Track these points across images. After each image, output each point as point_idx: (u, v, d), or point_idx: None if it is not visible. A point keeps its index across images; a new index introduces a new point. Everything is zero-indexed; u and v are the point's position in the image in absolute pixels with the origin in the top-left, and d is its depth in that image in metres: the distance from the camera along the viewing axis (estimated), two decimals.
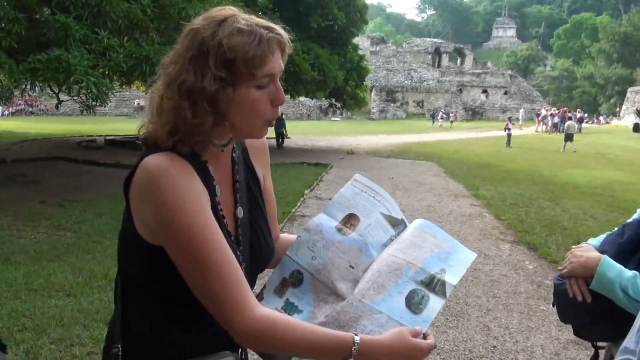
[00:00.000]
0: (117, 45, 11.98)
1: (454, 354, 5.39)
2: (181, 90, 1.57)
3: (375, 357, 1.61)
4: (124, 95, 62.83)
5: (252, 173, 1.91)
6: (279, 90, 1.66)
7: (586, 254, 2.29)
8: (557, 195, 15.58)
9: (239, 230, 1.79)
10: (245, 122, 1.66)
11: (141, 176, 1.58)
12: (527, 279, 7.83)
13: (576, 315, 2.38)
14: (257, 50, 1.57)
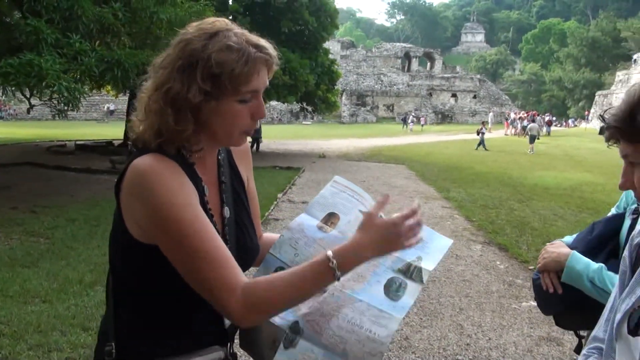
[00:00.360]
0: (89, 50, 11.92)
1: (429, 353, 5.49)
2: (167, 96, 1.64)
3: (358, 258, 1.65)
4: (93, 100, 62.23)
5: (237, 174, 1.98)
6: (260, 105, 1.73)
7: (557, 250, 2.45)
8: (526, 197, 15.83)
9: (225, 229, 1.85)
10: (224, 132, 1.73)
11: (131, 176, 1.64)
12: (499, 278, 7.98)
13: (552, 306, 2.54)
14: (244, 69, 1.63)
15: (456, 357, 5.41)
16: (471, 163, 25.78)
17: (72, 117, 55.68)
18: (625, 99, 1.49)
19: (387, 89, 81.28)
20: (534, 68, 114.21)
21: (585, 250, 2.42)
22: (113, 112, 66.50)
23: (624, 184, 1.55)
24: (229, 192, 1.91)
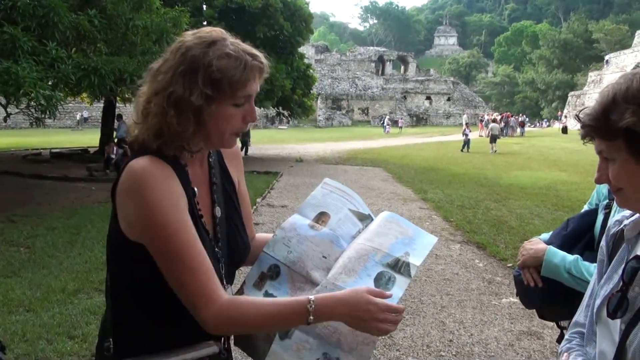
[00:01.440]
0: (65, 57, 11.86)
1: (413, 350, 5.59)
2: (169, 99, 1.74)
3: (333, 313, 1.74)
4: (67, 107, 61.66)
5: (228, 176, 2.07)
6: (252, 109, 1.85)
7: (535, 247, 2.60)
8: (503, 197, 16.02)
9: (217, 229, 1.94)
10: (217, 134, 1.83)
11: (126, 177, 1.74)
12: (478, 276, 8.10)
13: (534, 299, 2.67)
14: (242, 75, 1.76)
15: (440, 354, 5.52)
16: (447, 164, 26.00)
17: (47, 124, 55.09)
18: (599, 100, 1.59)
19: (361, 93, 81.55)
20: (506, 70, 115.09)
21: (561, 245, 2.57)
22: (87, 120, 65.96)
23: (599, 178, 1.65)
24: (220, 193, 2.00)
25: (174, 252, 1.70)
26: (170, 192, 1.73)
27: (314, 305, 1.71)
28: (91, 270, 7.78)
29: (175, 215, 1.72)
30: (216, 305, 1.71)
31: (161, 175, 1.73)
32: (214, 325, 1.73)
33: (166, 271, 1.73)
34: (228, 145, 1.91)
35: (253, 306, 1.77)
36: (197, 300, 1.71)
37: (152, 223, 1.70)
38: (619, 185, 1.60)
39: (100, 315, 5.96)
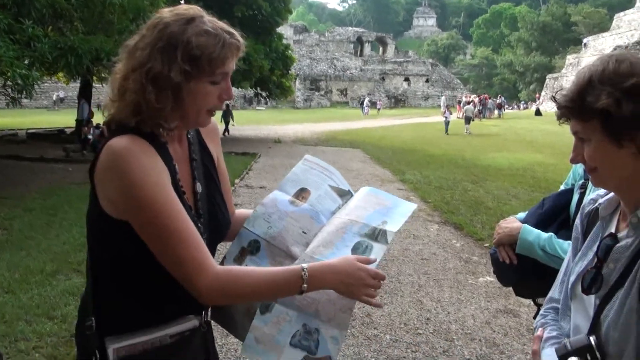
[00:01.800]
0: (42, 35, 11.69)
1: (390, 328, 5.66)
2: (148, 75, 1.74)
3: (326, 280, 1.80)
4: (43, 87, 60.85)
5: (207, 152, 2.09)
6: (229, 87, 1.87)
7: (510, 225, 2.65)
8: (480, 178, 16.17)
9: (198, 204, 1.96)
10: (194, 111, 1.84)
11: (106, 157, 1.73)
12: (455, 256, 8.20)
13: (510, 277, 2.72)
14: (221, 53, 1.77)
15: (417, 332, 5.60)
16: (425, 146, 26.11)
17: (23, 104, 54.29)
18: (575, 81, 1.64)
19: (340, 74, 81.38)
20: (485, 52, 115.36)
21: (536, 224, 2.63)
22: (63, 100, 65.14)
23: (574, 158, 1.69)
24: (200, 169, 2.01)
25: (163, 226, 1.71)
26: (153, 169, 1.74)
27: (307, 273, 1.76)
28: (69, 251, 7.76)
29: (160, 190, 1.73)
30: (210, 276, 1.73)
31: (142, 153, 1.74)
32: (209, 295, 1.76)
33: (156, 246, 1.74)
34: (203, 123, 1.92)
35: (247, 275, 1.80)
36: (191, 271, 1.73)
37: (137, 200, 1.70)
38: (594, 165, 1.64)
39: (79, 297, 5.97)
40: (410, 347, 5.26)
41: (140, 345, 1.83)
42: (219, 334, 5.16)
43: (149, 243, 1.74)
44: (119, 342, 1.82)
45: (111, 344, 1.82)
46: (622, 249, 1.65)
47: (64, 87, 58.46)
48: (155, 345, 1.85)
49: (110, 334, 1.84)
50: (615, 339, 1.59)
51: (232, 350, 5.06)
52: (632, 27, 63.09)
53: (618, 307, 1.60)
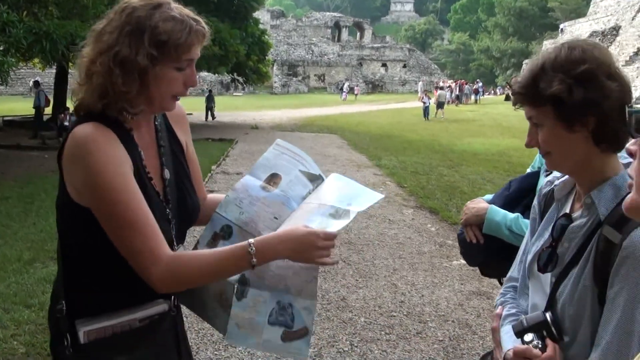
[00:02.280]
0: (17, 21, 11.60)
1: (365, 311, 5.76)
2: (115, 59, 1.78)
3: (276, 250, 1.84)
4: (18, 73, 59.95)
5: (175, 138, 2.13)
6: (193, 74, 1.92)
7: (477, 205, 2.72)
8: (456, 163, 16.31)
9: (167, 190, 2.01)
10: (159, 96, 1.88)
11: (70, 144, 1.79)
12: (430, 240, 8.32)
13: (476, 256, 2.80)
14: (187, 39, 1.82)
15: (391, 314, 5.71)
16: (402, 131, 26.20)
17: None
18: (528, 68, 1.73)
19: (318, 59, 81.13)
20: (462, 38, 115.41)
21: (503, 205, 2.69)
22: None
23: (529, 143, 1.78)
24: (169, 156, 2.06)
25: (119, 214, 1.76)
26: (114, 157, 1.79)
27: (254, 247, 1.79)
28: (46, 239, 7.78)
29: (120, 179, 1.77)
30: (162, 264, 1.77)
31: (104, 141, 1.78)
32: (161, 283, 1.80)
33: (112, 234, 1.79)
34: (167, 108, 1.97)
35: (196, 258, 1.86)
36: (143, 260, 1.78)
37: (97, 188, 1.76)
38: (547, 149, 1.73)
39: None
40: (384, 330, 5.37)
41: (110, 328, 1.89)
42: (195, 320, 5.24)
43: (107, 229, 1.79)
44: (89, 325, 1.88)
45: (82, 326, 1.87)
46: (576, 229, 1.73)
47: (40, 74, 57.69)
48: (125, 328, 1.91)
49: (81, 317, 1.89)
50: (571, 315, 1.68)
51: (209, 335, 5.13)
52: (608, 12, 63.43)
53: (572, 285, 1.67)
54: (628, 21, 56.10)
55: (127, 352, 1.92)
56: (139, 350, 1.94)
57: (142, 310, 1.94)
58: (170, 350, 2.05)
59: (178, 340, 2.09)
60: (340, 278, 6.66)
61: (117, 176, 1.77)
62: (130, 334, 1.92)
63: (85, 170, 1.76)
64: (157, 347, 2.00)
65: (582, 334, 1.66)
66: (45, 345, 4.75)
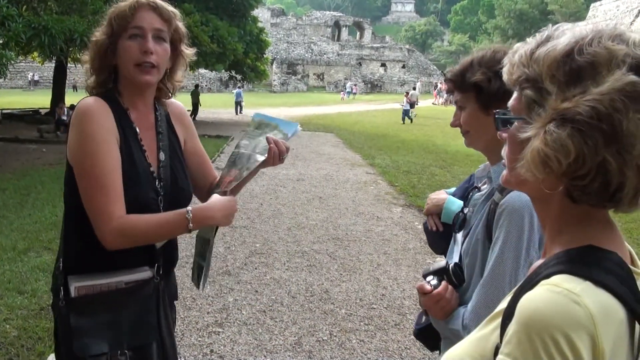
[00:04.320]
0: (17, 15, 11.75)
1: (346, 303, 5.97)
2: (90, 46, 2.24)
3: (208, 217, 2.18)
4: (18, 67, 60.09)
5: (173, 131, 2.45)
6: (147, 41, 2.17)
7: (438, 196, 2.93)
8: (448, 163, 16.50)
9: (160, 170, 2.30)
10: (124, 67, 2.19)
11: (74, 112, 2.16)
12: (416, 237, 8.51)
13: (439, 244, 3.00)
14: (125, 8, 2.16)
15: (371, 306, 5.91)
16: (397, 131, 26.41)
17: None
18: (460, 62, 2.14)
19: (317, 58, 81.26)
20: (462, 39, 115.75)
21: (462, 196, 2.89)
22: (37, 83, 64.54)
23: (453, 123, 2.21)
24: (166, 142, 2.36)
25: (92, 174, 2.07)
26: (103, 126, 2.11)
27: (191, 214, 2.12)
28: (41, 230, 7.97)
29: (104, 145, 2.09)
30: (113, 222, 2.05)
31: (98, 111, 2.12)
32: (110, 240, 2.08)
33: (82, 191, 2.11)
34: (137, 78, 2.20)
35: (141, 220, 2.12)
36: (101, 217, 2.07)
37: (81, 148, 2.10)
38: (467, 129, 2.14)
39: (48, 273, 6.22)
40: (364, 321, 5.57)
41: (98, 287, 2.17)
42: (180, 307, 5.45)
43: (79, 187, 2.12)
44: (80, 281, 2.16)
45: (73, 282, 2.16)
46: (479, 197, 2.18)
47: (39, 68, 57.89)
48: (112, 288, 2.18)
49: (73, 274, 2.18)
50: (467, 264, 2.07)
51: (193, 323, 5.32)
52: (607, 16, 63.73)
53: (469, 239, 2.07)
54: (627, 26, 56.19)
55: (111, 310, 2.17)
56: (122, 309, 2.19)
57: (129, 275, 2.21)
58: (151, 314, 2.28)
59: (159, 306, 2.31)
60: (325, 272, 6.86)
61: (102, 143, 2.09)
62: (115, 294, 2.18)
63: (78, 132, 2.10)
64: (139, 308, 2.24)
65: (475, 279, 2.03)
66: (37, 329, 4.96)
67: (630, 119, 1.01)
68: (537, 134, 1.08)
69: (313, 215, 9.74)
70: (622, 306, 1.04)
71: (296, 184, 12.53)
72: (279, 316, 5.58)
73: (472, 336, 1.20)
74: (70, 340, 2.13)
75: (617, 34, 1.09)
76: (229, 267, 6.89)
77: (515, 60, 1.19)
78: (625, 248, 1.19)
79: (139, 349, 2.22)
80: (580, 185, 1.07)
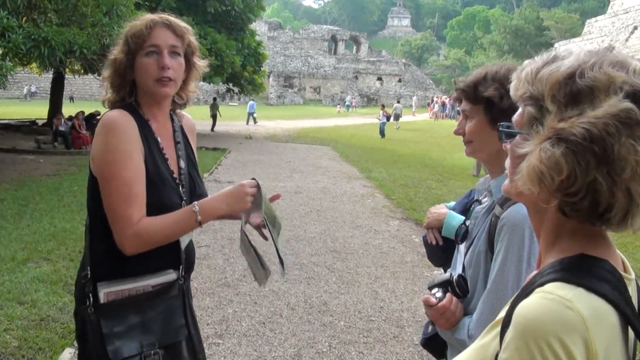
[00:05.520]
0: (17, 26, 11.82)
1: (345, 315, 6.00)
2: (108, 63, 2.38)
3: (214, 207, 2.28)
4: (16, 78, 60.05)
5: (188, 142, 2.58)
6: (164, 57, 2.29)
7: (438, 211, 2.97)
8: (445, 177, 16.56)
9: (182, 177, 2.42)
10: (143, 83, 2.31)
11: (99, 123, 2.26)
12: (413, 250, 8.55)
13: (438, 257, 3.04)
14: (140, 27, 2.27)
15: (370, 319, 5.94)
16: (394, 145, 26.49)
17: None
18: (474, 74, 2.21)
19: (314, 71, 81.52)
20: (458, 54, 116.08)
21: (461, 211, 2.94)
22: (34, 94, 64.65)
23: (457, 130, 2.28)
24: (184, 151, 2.49)
25: (112, 181, 2.17)
26: (129, 137, 2.21)
27: (198, 207, 2.22)
28: (39, 240, 7.98)
29: (127, 154, 2.19)
30: (132, 227, 2.14)
31: (123, 123, 2.22)
32: (129, 245, 2.17)
33: (105, 198, 2.20)
34: (157, 91, 2.32)
35: (155, 221, 2.20)
36: (121, 224, 2.16)
37: (105, 158, 2.19)
38: (471, 138, 2.20)
39: (48, 283, 6.24)
40: (363, 333, 5.59)
41: (127, 291, 2.26)
42: None
43: (102, 195, 2.20)
44: (109, 287, 2.25)
45: (102, 288, 2.25)
46: (480, 209, 2.24)
47: (36, 78, 57.94)
48: (139, 292, 2.27)
49: (102, 281, 2.26)
50: (470, 275, 2.12)
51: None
52: (603, 33, 64.02)
53: (472, 251, 2.12)
54: (622, 42, 56.59)
55: (140, 312, 2.26)
56: (150, 310, 2.28)
57: (155, 278, 2.31)
58: (178, 313, 2.37)
59: (185, 305, 2.41)
60: (323, 284, 6.90)
61: (125, 152, 2.19)
62: (143, 297, 2.28)
63: (103, 142, 2.19)
64: (166, 309, 2.33)
65: (479, 290, 2.08)
66: (38, 340, 4.97)
67: (622, 143, 1.06)
68: (533, 150, 1.14)
69: (311, 227, 9.77)
70: (615, 311, 1.10)
71: (294, 197, 12.55)
72: (278, 328, 5.61)
73: (475, 345, 1.25)
74: (102, 345, 2.20)
75: (618, 61, 1.14)
76: (228, 278, 6.92)
77: (522, 77, 1.25)
78: (617, 256, 1.24)
79: (169, 347, 2.32)
80: (571, 201, 1.12)
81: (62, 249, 7.56)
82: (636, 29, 56.85)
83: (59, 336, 5.07)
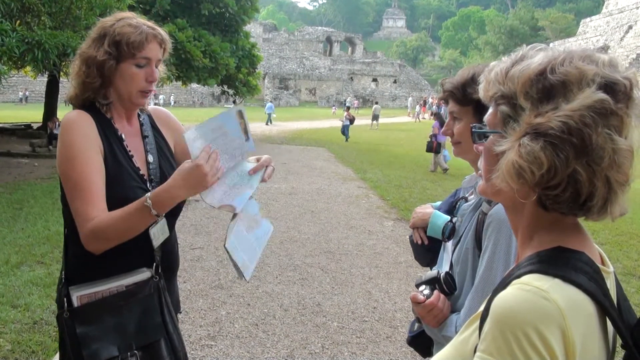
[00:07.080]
0: (10, 30, 11.79)
1: (338, 316, 6.01)
2: (82, 58, 2.29)
3: (170, 194, 2.10)
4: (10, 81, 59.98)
5: (160, 134, 2.55)
6: (153, 71, 2.31)
7: (423, 210, 2.99)
8: (440, 177, 16.64)
9: (150, 171, 2.39)
10: (125, 90, 2.30)
11: (61, 124, 2.29)
12: (407, 250, 8.53)
13: (424, 256, 3.06)
14: (137, 38, 2.25)
15: (363, 319, 5.95)
16: (389, 146, 26.55)
17: None
18: (460, 74, 2.19)
19: (309, 73, 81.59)
20: (453, 54, 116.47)
21: (447, 210, 2.95)
22: (27, 98, 64.65)
23: (445, 131, 2.28)
24: (153, 144, 2.46)
25: (73, 180, 2.17)
26: (85, 136, 2.21)
27: (150, 199, 2.08)
28: (33, 244, 7.98)
29: (85, 153, 2.19)
30: (88, 223, 2.12)
31: (81, 123, 2.23)
32: (87, 242, 2.16)
33: (67, 197, 2.20)
34: (137, 101, 2.35)
35: (108, 217, 2.14)
36: (79, 219, 2.15)
37: (64, 158, 2.20)
38: (459, 139, 2.22)
39: (42, 287, 6.25)
40: (356, 333, 5.61)
41: (100, 293, 2.25)
42: None
43: (65, 194, 2.22)
44: (82, 290, 2.24)
45: (75, 292, 2.24)
46: (467, 207, 2.27)
47: (31, 82, 57.84)
48: (113, 292, 2.26)
49: (74, 284, 2.25)
50: (458, 272, 2.15)
51: (186, 336, 5.34)
52: (597, 32, 64.20)
53: (459, 248, 2.15)
54: (617, 41, 56.77)
55: (115, 313, 2.24)
56: (126, 311, 2.25)
57: (128, 277, 2.29)
58: (155, 312, 2.33)
59: (162, 304, 2.36)
60: (316, 285, 6.91)
61: (82, 150, 2.19)
62: (117, 297, 2.26)
63: (62, 143, 2.20)
64: (142, 308, 2.29)
65: (466, 287, 2.11)
66: (31, 343, 4.98)
67: (599, 133, 1.09)
68: (512, 147, 1.17)
69: (305, 229, 9.79)
70: (591, 301, 1.12)
71: (288, 198, 12.57)
72: (271, 329, 5.62)
73: (455, 340, 1.27)
74: (79, 349, 2.19)
75: (587, 55, 1.17)
76: (222, 280, 6.93)
77: (491, 78, 1.27)
78: (594, 249, 1.27)
79: (148, 348, 2.28)
80: (552, 194, 1.15)
81: (56, 253, 7.55)
82: (631, 28, 57.02)
83: (52, 339, 5.06)
